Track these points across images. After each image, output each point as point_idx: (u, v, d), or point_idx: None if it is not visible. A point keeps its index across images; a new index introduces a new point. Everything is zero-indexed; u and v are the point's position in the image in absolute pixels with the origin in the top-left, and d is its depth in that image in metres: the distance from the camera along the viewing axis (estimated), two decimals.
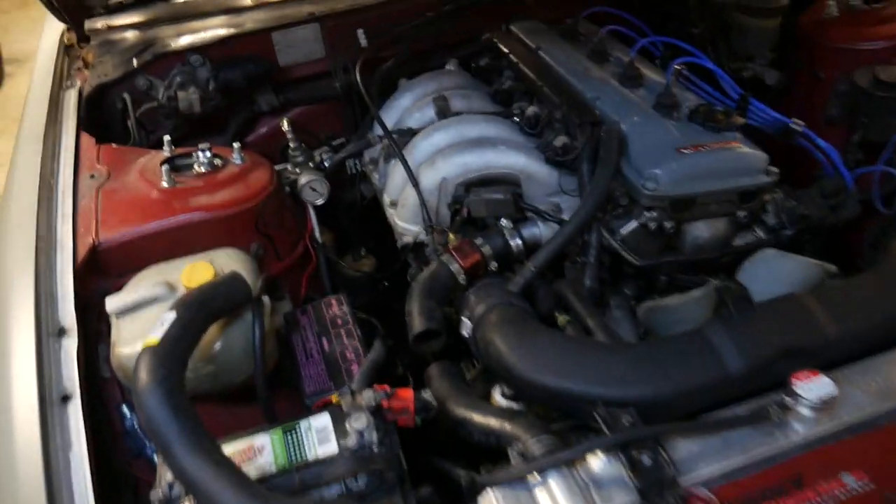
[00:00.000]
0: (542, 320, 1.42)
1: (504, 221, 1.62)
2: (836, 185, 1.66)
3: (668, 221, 1.54)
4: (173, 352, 1.15)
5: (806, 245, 1.65)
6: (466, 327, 1.43)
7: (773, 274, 1.47)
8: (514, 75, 1.97)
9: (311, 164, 1.89)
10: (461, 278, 1.50)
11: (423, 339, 1.42)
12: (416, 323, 1.42)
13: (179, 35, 2.17)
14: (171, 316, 1.20)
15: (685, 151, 1.55)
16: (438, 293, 1.49)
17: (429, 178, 1.68)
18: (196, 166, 1.69)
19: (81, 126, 1.85)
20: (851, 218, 1.66)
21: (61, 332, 1.32)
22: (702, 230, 1.61)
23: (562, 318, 1.42)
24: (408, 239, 1.73)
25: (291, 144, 1.89)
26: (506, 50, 2.01)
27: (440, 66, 2.19)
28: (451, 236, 1.62)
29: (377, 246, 2.12)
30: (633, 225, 1.56)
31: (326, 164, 1.93)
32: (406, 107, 1.98)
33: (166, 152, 1.73)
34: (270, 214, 1.67)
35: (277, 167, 1.90)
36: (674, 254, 1.61)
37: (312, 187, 1.81)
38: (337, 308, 1.56)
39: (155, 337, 1.16)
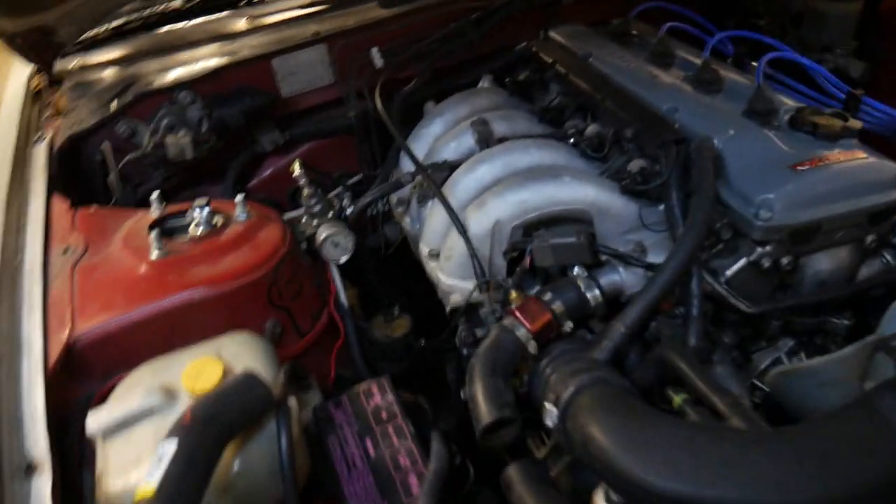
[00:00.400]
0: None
1: (577, 269, 1.31)
2: None
3: (785, 257, 1.24)
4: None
5: None
6: (551, 415, 1.11)
7: None
8: (562, 89, 1.66)
9: (330, 214, 1.57)
10: (531, 346, 1.20)
11: (493, 430, 1.11)
12: (484, 412, 1.11)
13: (165, 70, 1.87)
14: (171, 447, 0.89)
15: (802, 168, 1.24)
16: (504, 367, 1.19)
17: (478, 223, 1.37)
18: (192, 227, 1.38)
19: (53, 187, 1.54)
20: None
21: (30, 468, 1.01)
22: (823, 263, 1.31)
23: (678, 398, 1.11)
24: (456, 299, 1.41)
25: (306, 191, 1.58)
26: (549, 60, 1.71)
27: (471, 85, 1.88)
28: (513, 293, 1.31)
29: (409, 300, 1.80)
30: (741, 264, 1.27)
31: (348, 212, 1.62)
32: (437, 135, 1.67)
33: (155, 212, 1.42)
34: (286, 281, 1.37)
35: (287, 216, 1.60)
36: (791, 295, 1.31)
37: (335, 242, 1.50)
38: (380, 397, 1.24)
39: (150, 483, 0.85)
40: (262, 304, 1.33)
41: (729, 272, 1.27)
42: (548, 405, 1.12)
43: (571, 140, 1.53)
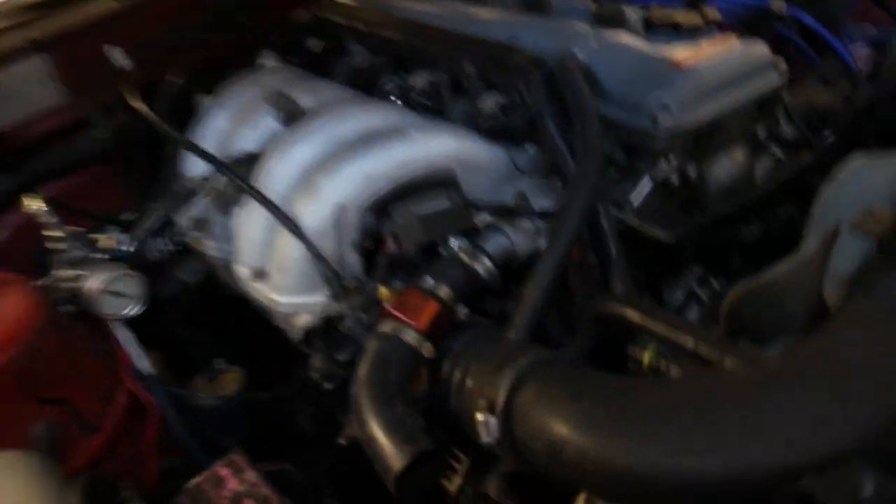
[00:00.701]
0: None
1: (454, 241, 1.02)
2: (837, 68, 1.32)
3: (690, 166, 1.05)
4: None
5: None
6: (489, 428, 0.80)
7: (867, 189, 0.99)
8: (369, 47, 1.36)
9: (100, 256, 1.13)
10: (425, 349, 0.90)
11: (410, 471, 0.79)
12: (393, 455, 0.80)
13: None
14: None
15: (686, 65, 1.05)
16: (398, 387, 0.87)
17: (313, 214, 1.02)
18: None
19: None
20: (866, 105, 1.27)
21: None
22: (725, 168, 1.17)
23: (647, 353, 0.85)
24: (304, 319, 1.05)
25: (58, 235, 1.13)
26: (342, 21, 1.40)
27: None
28: (383, 290, 0.98)
29: (233, 347, 1.40)
30: (648, 186, 1.05)
31: (125, 249, 1.18)
32: (224, 129, 1.28)
33: None
34: (51, 363, 0.94)
35: (38, 282, 1.14)
36: (701, 212, 1.12)
37: (116, 291, 1.07)
38: (236, 481, 0.85)
39: None
40: (21, 403, 0.89)
41: (636, 199, 1.05)
42: (480, 416, 0.80)
43: (393, 98, 1.24)
